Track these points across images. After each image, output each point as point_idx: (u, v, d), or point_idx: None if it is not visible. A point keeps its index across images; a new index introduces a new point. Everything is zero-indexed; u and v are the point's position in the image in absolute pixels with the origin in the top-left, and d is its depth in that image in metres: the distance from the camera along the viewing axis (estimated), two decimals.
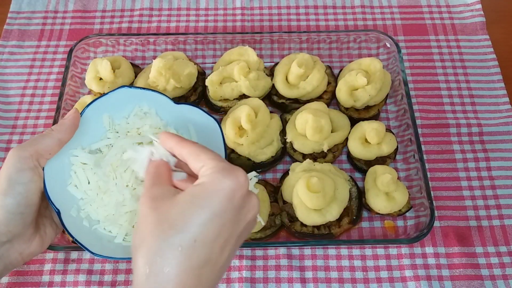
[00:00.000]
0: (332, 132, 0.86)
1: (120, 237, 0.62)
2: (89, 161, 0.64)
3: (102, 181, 0.63)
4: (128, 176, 0.63)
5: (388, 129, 0.88)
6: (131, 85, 0.73)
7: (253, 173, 0.79)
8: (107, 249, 0.61)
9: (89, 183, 0.64)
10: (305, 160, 0.83)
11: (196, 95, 0.94)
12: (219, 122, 0.66)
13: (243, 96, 0.91)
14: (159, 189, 0.49)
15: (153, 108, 0.69)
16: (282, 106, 0.93)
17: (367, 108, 0.91)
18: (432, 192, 0.81)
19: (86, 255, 0.81)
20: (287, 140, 0.87)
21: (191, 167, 0.50)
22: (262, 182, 0.85)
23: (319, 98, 0.93)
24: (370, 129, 0.84)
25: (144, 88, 0.68)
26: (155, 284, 0.43)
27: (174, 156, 0.54)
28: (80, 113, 0.64)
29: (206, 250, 0.44)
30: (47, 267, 0.80)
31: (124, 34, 1.00)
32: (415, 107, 0.96)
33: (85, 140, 0.66)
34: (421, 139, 0.91)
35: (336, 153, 0.88)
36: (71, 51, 0.95)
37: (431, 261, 0.80)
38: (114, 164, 0.63)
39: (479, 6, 1.09)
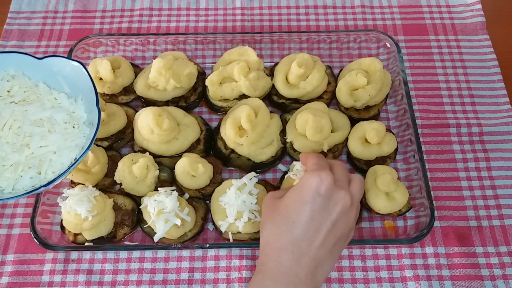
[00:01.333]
0: (332, 132, 0.86)
1: (9, 188, 0.68)
2: None
3: None
4: (6, 132, 0.70)
5: (388, 129, 0.88)
6: None
7: (252, 173, 0.79)
8: None
9: None
10: None
11: (196, 95, 0.94)
12: (83, 64, 0.70)
13: (243, 96, 0.91)
14: (276, 193, 0.67)
15: (20, 70, 0.74)
16: (282, 106, 0.93)
17: (367, 108, 0.91)
18: (432, 192, 0.81)
19: (86, 255, 0.81)
20: (287, 140, 0.87)
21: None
22: (262, 182, 0.85)
23: (319, 98, 0.93)
24: (370, 129, 0.84)
25: (5, 52, 0.72)
26: (272, 251, 0.61)
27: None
28: None
29: (303, 228, 0.59)
30: (47, 267, 0.80)
31: (124, 34, 1.00)
32: (415, 107, 0.96)
33: None
34: (421, 139, 0.91)
35: (336, 153, 0.88)
36: (71, 51, 0.95)
37: (431, 261, 0.80)
38: None
39: (479, 6, 1.09)
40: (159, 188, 0.80)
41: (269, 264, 0.60)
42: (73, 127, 0.74)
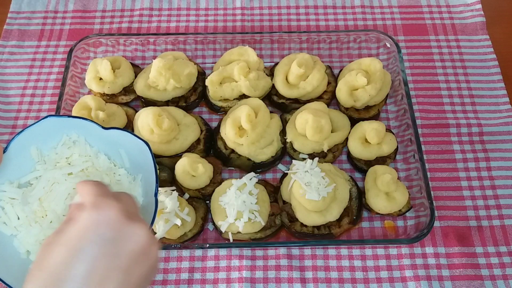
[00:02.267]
0: (332, 132, 0.86)
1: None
2: (17, 196, 0.60)
3: (30, 217, 0.59)
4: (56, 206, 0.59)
5: (388, 129, 0.88)
6: (57, 114, 0.68)
7: (252, 173, 0.79)
8: None
9: (18, 218, 0.60)
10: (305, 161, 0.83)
11: (196, 95, 0.94)
12: (148, 144, 0.63)
13: (243, 96, 0.91)
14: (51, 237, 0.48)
15: (82, 136, 0.65)
16: (282, 106, 0.93)
17: (367, 108, 0.91)
18: (432, 192, 0.81)
19: None
20: (287, 140, 0.87)
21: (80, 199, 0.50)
22: (262, 182, 0.85)
23: (319, 98, 0.93)
24: (370, 129, 0.84)
25: (70, 116, 0.66)
26: None
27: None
28: (5, 148, 0.62)
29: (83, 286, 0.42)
30: None
31: (124, 34, 1.00)
32: (415, 107, 0.95)
33: (13, 174, 0.62)
34: (421, 139, 0.90)
35: (336, 153, 0.88)
36: (71, 51, 0.95)
37: (431, 261, 0.80)
38: (42, 198, 0.60)
39: (479, 6, 1.09)
40: (159, 188, 0.80)
41: None
42: None
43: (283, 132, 0.89)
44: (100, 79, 0.92)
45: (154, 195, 0.59)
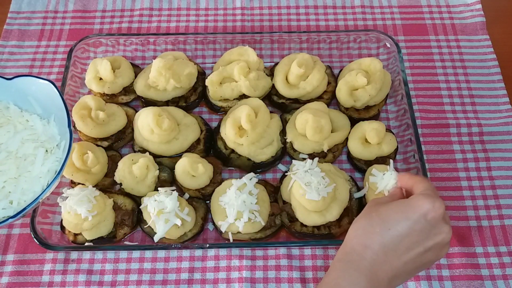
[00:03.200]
0: (332, 132, 0.86)
1: None
2: None
3: None
4: None
5: (388, 129, 0.88)
6: None
7: (252, 173, 0.79)
8: None
9: None
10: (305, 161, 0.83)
11: (196, 95, 0.94)
12: (53, 83, 0.66)
13: (243, 96, 0.91)
14: (384, 199, 0.67)
15: None
16: (282, 106, 0.93)
17: (367, 108, 0.91)
18: None
19: (86, 255, 0.81)
20: (287, 140, 0.87)
21: (415, 189, 0.66)
22: (262, 182, 0.85)
23: (319, 98, 0.93)
24: (370, 129, 0.84)
25: None
26: (357, 245, 0.61)
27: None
28: None
29: (395, 240, 0.60)
30: (47, 267, 0.80)
31: (124, 34, 1.00)
32: (415, 107, 0.96)
33: None
34: (421, 139, 0.90)
35: (336, 153, 0.88)
36: (71, 51, 0.95)
37: None
38: None
39: (479, 6, 1.09)
40: (159, 188, 0.80)
41: (354, 256, 0.61)
42: (46, 151, 0.72)
43: (283, 132, 0.89)
44: (100, 79, 0.92)
45: (68, 127, 0.64)
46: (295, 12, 1.10)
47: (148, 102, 0.93)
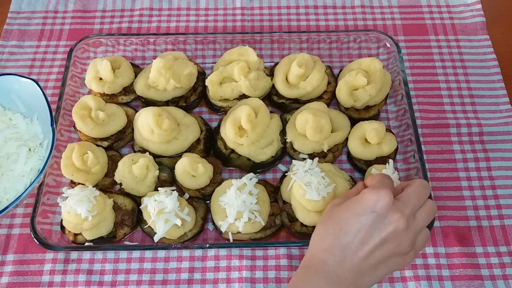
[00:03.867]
0: (332, 132, 0.86)
1: None
2: None
3: None
4: None
5: (388, 129, 0.88)
6: None
7: (251, 174, 0.79)
8: None
9: None
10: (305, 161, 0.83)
11: (196, 95, 0.94)
12: (36, 82, 0.66)
13: (243, 96, 0.91)
14: (337, 201, 0.68)
15: None
16: (282, 106, 0.93)
17: (367, 108, 0.91)
18: (432, 192, 0.81)
19: (86, 255, 0.81)
20: (287, 140, 0.87)
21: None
22: (262, 182, 0.85)
23: (319, 98, 0.93)
24: (370, 129, 0.84)
25: None
26: (315, 250, 0.64)
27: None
28: None
29: (349, 238, 0.62)
30: (47, 267, 0.80)
31: (124, 34, 1.00)
32: (415, 107, 0.96)
33: None
34: (421, 139, 0.90)
35: (336, 153, 0.88)
36: (71, 51, 0.95)
37: (431, 261, 0.80)
38: None
39: (479, 6, 1.09)
40: (159, 188, 0.80)
41: (314, 262, 0.63)
42: (29, 149, 0.72)
43: (283, 132, 0.89)
44: (100, 79, 0.92)
45: (51, 125, 0.64)
46: (295, 12, 1.10)
47: (148, 102, 0.93)
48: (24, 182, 0.71)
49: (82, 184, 0.81)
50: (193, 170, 0.81)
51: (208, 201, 0.83)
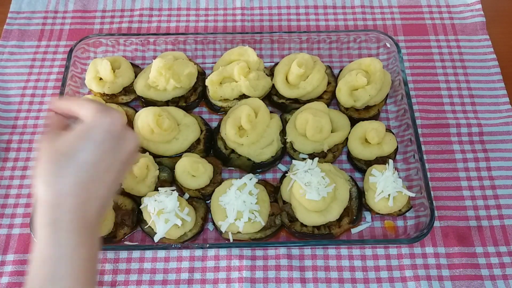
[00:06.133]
0: (332, 132, 0.86)
1: None
2: None
3: None
4: None
5: (388, 129, 0.88)
6: None
7: (251, 174, 0.79)
8: None
9: None
10: (305, 161, 0.83)
11: (196, 95, 0.94)
12: None
13: (243, 96, 0.91)
14: (53, 132, 0.58)
15: None
16: (282, 106, 0.93)
17: (367, 108, 0.91)
18: (432, 192, 0.81)
19: None
20: (287, 140, 0.87)
21: (79, 115, 0.59)
22: (262, 182, 0.85)
23: (319, 98, 0.93)
24: (370, 129, 0.84)
25: None
26: (54, 198, 0.53)
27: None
28: None
29: (93, 170, 0.55)
30: None
31: (124, 34, 1.00)
32: (415, 107, 0.96)
33: None
34: (421, 139, 0.90)
35: (336, 153, 0.88)
36: (71, 51, 0.95)
37: (431, 261, 0.80)
38: None
39: (479, 6, 1.09)
40: (159, 188, 0.80)
41: (55, 214, 0.53)
42: None
43: (283, 132, 0.89)
44: (100, 79, 0.92)
45: None
46: (295, 12, 1.10)
47: (148, 102, 0.93)
48: None
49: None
50: (193, 170, 0.81)
51: (208, 201, 0.83)
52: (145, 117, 0.84)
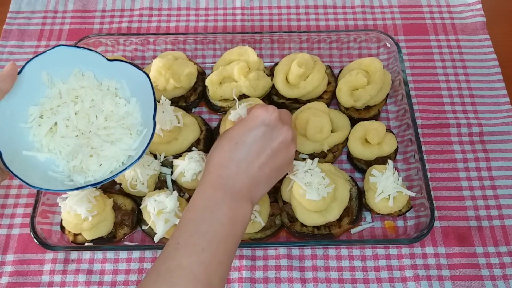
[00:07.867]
0: (332, 132, 0.86)
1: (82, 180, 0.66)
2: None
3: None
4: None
5: (388, 129, 0.88)
6: (67, 45, 0.72)
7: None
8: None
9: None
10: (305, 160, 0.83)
11: (196, 95, 0.94)
12: (148, 75, 0.70)
13: (243, 96, 0.91)
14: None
15: (91, 71, 0.73)
16: (282, 106, 0.93)
17: (367, 108, 0.91)
18: (432, 192, 0.81)
19: (86, 255, 0.81)
20: None
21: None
22: None
23: (319, 98, 0.93)
24: (370, 129, 0.84)
25: (79, 47, 0.71)
26: (212, 166, 0.65)
27: None
28: (20, 71, 0.68)
29: (243, 151, 0.65)
30: (47, 267, 0.80)
31: (124, 34, 1.00)
32: (415, 107, 0.95)
33: (25, 97, 0.69)
34: (421, 139, 0.90)
35: (336, 153, 0.88)
36: None
37: (431, 261, 0.80)
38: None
39: (479, 6, 1.09)
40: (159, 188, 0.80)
41: (210, 177, 0.65)
42: (131, 134, 0.70)
43: None
44: None
45: (153, 118, 0.67)
46: (295, 12, 1.10)
47: None
48: (113, 165, 0.68)
49: None
50: None
51: None
52: None
